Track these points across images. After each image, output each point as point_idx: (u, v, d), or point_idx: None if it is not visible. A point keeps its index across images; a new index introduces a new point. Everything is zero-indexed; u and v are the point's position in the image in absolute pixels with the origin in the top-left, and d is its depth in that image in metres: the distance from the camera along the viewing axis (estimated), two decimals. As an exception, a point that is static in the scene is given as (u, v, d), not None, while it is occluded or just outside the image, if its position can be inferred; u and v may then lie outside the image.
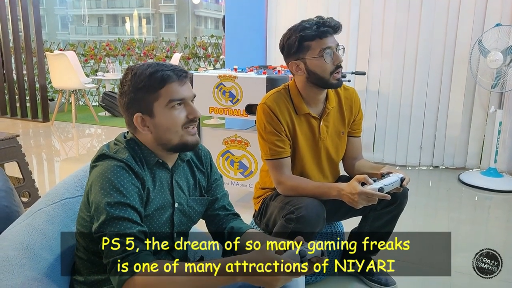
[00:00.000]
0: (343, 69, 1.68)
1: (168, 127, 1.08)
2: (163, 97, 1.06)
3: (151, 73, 1.05)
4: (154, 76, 1.05)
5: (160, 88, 1.06)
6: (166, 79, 1.06)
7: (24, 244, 1.18)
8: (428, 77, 3.57)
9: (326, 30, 1.59)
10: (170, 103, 1.07)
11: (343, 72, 3.50)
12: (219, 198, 1.27)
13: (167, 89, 1.06)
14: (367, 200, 1.45)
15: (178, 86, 1.07)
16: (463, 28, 3.40)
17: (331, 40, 1.61)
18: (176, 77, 1.07)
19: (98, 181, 1.02)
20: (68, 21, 16.61)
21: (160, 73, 1.05)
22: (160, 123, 1.08)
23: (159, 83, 1.06)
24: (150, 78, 1.05)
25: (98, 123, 5.71)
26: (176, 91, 1.07)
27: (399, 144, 3.75)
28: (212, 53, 6.55)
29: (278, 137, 1.66)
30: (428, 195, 3.20)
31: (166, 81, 1.06)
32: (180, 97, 1.08)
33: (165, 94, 1.06)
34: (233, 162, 2.73)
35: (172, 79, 1.06)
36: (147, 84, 1.05)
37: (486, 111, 3.46)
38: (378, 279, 1.88)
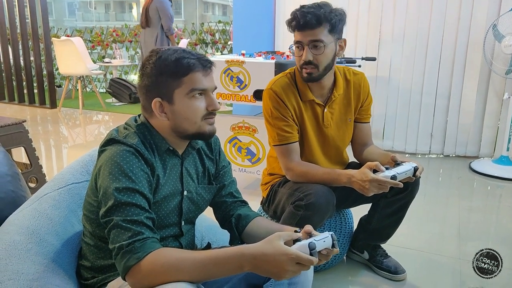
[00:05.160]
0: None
1: (187, 116, 1.06)
2: (185, 85, 1.04)
3: (177, 59, 1.03)
4: (180, 62, 1.03)
5: (184, 75, 1.03)
6: (192, 67, 1.03)
7: (30, 229, 1.17)
8: (440, 63, 3.49)
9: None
10: (191, 92, 1.04)
11: (352, 57, 3.44)
12: (226, 185, 1.26)
13: (191, 77, 1.04)
14: (378, 187, 1.42)
15: (202, 75, 1.05)
16: (477, 12, 3.30)
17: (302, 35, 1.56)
18: (201, 66, 1.04)
19: (107, 166, 1.00)
20: (75, 7, 16.57)
21: (186, 60, 1.03)
22: (178, 111, 1.05)
23: (184, 70, 1.03)
24: (175, 64, 1.03)
25: (105, 110, 5.72)
26: (200, 80, 1.04)
27: (409, 131, 3.70)
28: (220, 39, 6.49)
29: (285, 122, 1.63)
30: (438, 183, 3.15)
31: (191, 69, 1.03)
32: (203, 87, 1.05)
33: (188, 82, 1.04)
34: (241, 148, 2.71)
35: (197, 68, 1.04)
36: (172, 69, 1.03)
37: (501, 98, 3.38)
38: (387, 267, 1.86)
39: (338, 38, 1.59)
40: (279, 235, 0.91)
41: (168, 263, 0.91)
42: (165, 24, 4.90)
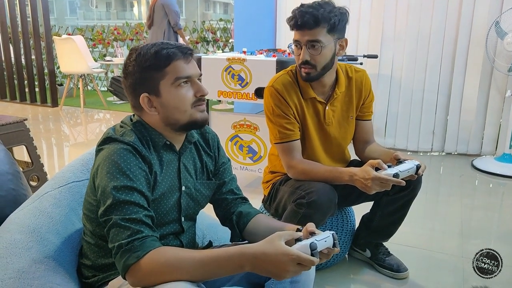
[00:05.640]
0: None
1: (176, 106, 1.05)
2: (169, 75, 1.04)
3: (156, 51, 1.03)
4: (160, 54, 1.03)
5: (166, 66, 1.03)
6: (172, 56, 1.03)
7: (31, 228, 1.17)
8: (442, 61, 3.48)
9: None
10: (176, 81, 1.04)
11: (354, 54, 3.42)
12: (226, 182, 1.25)
13: (173, 66, 1.04)
14: (381, 185, 1.41)
15: (183, 63, 1.05)
16: (479, 9, 3.28)
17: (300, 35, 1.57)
18: (181, 54, 1.05)
19: (105, 165, 0.99)
20: (77, 6, 16.57)
21: (165, 51, 1.03)
22: (167, 102, 1.05)
23: (164, 61, 1.03)
24: (155, 56, 1.03)
25: (106, 108, 5.71)
26: (182, 68, 1.05)
27: (411, 129, 3.68)
28: (221, 37, 6.47)
29: (287, 119, 1.63)
30: (440, 181, 3.14)
31: (172, 58, 1.03)
32: (187, 75, 1.05)
33: (171, 72, 1.04)
34: (242, 146, 2.70)
35: (177, 56, 1.04)
36: (153, 62, 1.03)
37: (503, 96, 3.36)
38: (390, 265, 1.85)
39: (338, 38, 1.58)
40: (280, 234, 0.90)
41: (168, 262, 0.91)
42: (172, 20, 4.93)
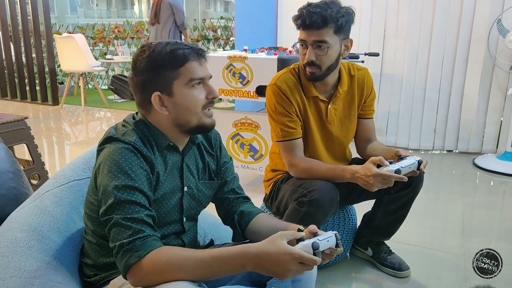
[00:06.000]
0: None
1: (188, 107, 1.05)
2: (183, 75, 1.03)
3: (172, 50, 1.02)
4: (175, 53, 1.02)
5: (180, 66, 1.03)
6: (188, 57, 1.03)
7: (32, 226, 1.16)
8: (443, 59, 3.47)
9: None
10: (190, 82, 1.04)
11: (356, 53, 3.41)
12: (228, 181, 1.24)
13: (188, 67, 1.03)
14: (382, 182, 1.41)
15: (197, 64, 1.05)
16: (481, 7, 3.27)
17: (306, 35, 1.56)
18: (196, 55, 1.04)
19: (106, 164, 0.99)
20: (77, 4, 16.55)
21: (181, 51, 1.02)
22: (179, 103, 1.04)
23: (180, 61, 1.02)
24: (171, 55, 1.02)
25: (107, 106, 5.71)
26: (196, 70, 1.04)
27: (413, 127, 3.68)
28: (222, 35, 6.46)
29: (289, 117, 1.62)
30: (442, 179, 3.13)
31: (187, 59, 1.03)
32: (200, 76, 1.05)
33: (185, 73, 1.03)
34: (243, 145, 2.70)
35: (192, 57, 1.04)
36: (168, 61, 1.02)
37: (504, 94, 3.35)
38: (391, 264, 1.85)
39: (344, 38, 1.58)
40: (283, 234, 0.90)
41: (169, 262, 0.91)
42: (179, 19, 4.95)
